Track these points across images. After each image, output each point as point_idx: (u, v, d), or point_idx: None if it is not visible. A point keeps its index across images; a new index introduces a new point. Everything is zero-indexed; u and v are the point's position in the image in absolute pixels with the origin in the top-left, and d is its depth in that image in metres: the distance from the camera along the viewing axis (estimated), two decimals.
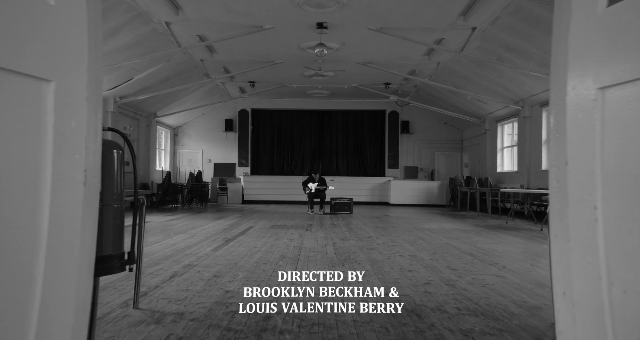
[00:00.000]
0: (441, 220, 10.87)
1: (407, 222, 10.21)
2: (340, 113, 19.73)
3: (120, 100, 12.96)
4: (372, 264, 4.92)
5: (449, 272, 4.45)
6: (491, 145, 15.75)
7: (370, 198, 18.28)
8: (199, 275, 4.14)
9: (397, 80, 15.47)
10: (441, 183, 17.64)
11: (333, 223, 9.92)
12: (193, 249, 5.74)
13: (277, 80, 15.82)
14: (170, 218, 10.60)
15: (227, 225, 9.13)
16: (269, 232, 7.93)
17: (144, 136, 15.76)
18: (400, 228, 8.92)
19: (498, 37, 9.66)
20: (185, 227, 8.47)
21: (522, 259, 5.37)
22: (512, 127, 14.68)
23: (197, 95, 16.39)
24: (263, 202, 18.14)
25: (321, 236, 7.42)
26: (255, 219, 10.79)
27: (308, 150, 19.82)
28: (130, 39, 9.75)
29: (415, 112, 19.16)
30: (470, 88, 13.42)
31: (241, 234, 7.57)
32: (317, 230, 8.40)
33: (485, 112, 15.39)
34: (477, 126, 16.84)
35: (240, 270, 4.42)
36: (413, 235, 7.75)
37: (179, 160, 19.45)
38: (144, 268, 4.27)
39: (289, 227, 8.75)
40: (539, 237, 7.72)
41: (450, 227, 9.18)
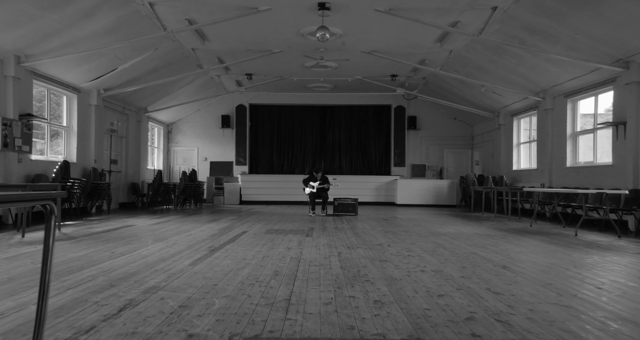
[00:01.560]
0: (456, 223, 9.81)
1: (419, 226, 9.16)
2: (344, 108, 18.67)
3: (105, 92, 11.92)
4: (389, 283, 3.88)
5: (493, 299, 3.40)
6: (506, 141, 14.67)
7: (376, 198, 17.24)
8: (160, 305, 3.09)
9: (404, 72, 14.41)
10: (451, 182, 16.58)
11: (337, 226, 8.88)
12: (167, 263, 4.70)
13: (276, 73, 14.78)
14: (157, 221, 9.57)
15: (218, 229, 8.10)
16: (263, 238, 6.88)
17: (133, 132, 14.74)
18: (413, 233, 7.87)
19: (521, 18, 8.58)
20: (170, 233, 7.44)
21: (577, 276, 4.31)
22: (529, 121, 13.59)
23: (190, 89, 15.35)
24: (262, 202, 17.12)
25: (324, 243, 6.38)
26: (251, 221, 9.75)
27: (309, 147, 18.76)
28: (109, 21, 8.71)
29: (422, 107, 18.09)
30: (484, 79, 12.34)
31: (231, 241, 6.53)
32: (319, 235, 7.36)
33: (500, 105, 14.29)
34: (489, 121, 15.76)
35: (219, 296, 3.38)
36: (430, 241, 6.70)
37: (173, 159, 18.43)
38: (88, 294, 3.24)
39: (287, 232, 7.71)
40: (578, 244, 6.65)
41: (470, 232, 8.12)
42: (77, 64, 10.07)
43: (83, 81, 11.03)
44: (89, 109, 11.78)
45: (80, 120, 11.44)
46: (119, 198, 13.96)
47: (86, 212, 11.43)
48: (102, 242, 6.16)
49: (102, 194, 11.39)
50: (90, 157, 11.83)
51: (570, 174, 10.95)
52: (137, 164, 14.91)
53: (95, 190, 11.19)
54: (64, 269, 4.29)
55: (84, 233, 7.25)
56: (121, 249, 5.62)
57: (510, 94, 12.86)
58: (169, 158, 18.33)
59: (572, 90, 10.82)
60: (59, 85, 10.46)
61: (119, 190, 13.97)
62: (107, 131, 13.15)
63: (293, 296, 3.42)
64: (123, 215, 10.97)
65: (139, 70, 11.71)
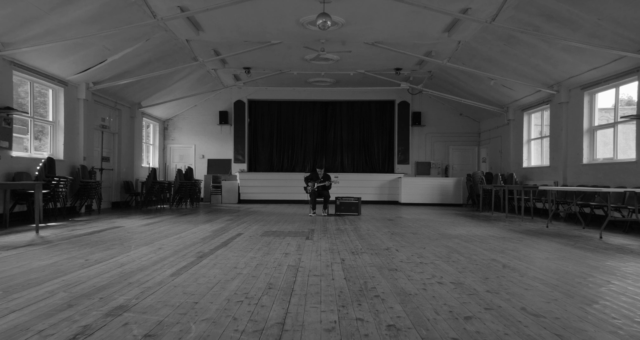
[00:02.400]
0: (466, 224, 9.19)
1: (427, 226, 8.54)
2: (346, 104, 18.03)
3: (95, 86, 11.30)
4: (403, 300, 3.26)
5: (534, 324, 2.78)
6: (516, 137, 14.02)
7: (379, 197, 16.63)
8: (120, 335, 2.48)
9: (409, 65, 13.78)
10: (457, 180, 15.94)
11: (339, 228, 8.27)
12: (145, 273, 4.09)
13: (275, 66, 14.16)
14: (148, 222, 8.97)
15: (211, 231, 7.49)
16: (259, 241, 6.27)
17: (127, 129, 14.13)
18: (422, 235, 7.25)
19: (539, 3, 7.93)
20: (158, 235, 6.83)
21: (622, 289, 3.69)
22: (541, 116, 12.95)
23: (186, 84, 14.74)
24: (261, 201, 16.51)
25: (325, 248, 5.77)
26: (248, 222, 9.15)
27: (310, 144, 18.12)
28: (94, 7, 8.09)
29: (427, 103, 17.45)
30: (494, 71, 11.70)
31: (223, 245, 5.92)
32: (320, 237, 6.75)
33: (510, 99, 13.64)
34: (498, 116, 15.11)
35: (197, 319, 2.77)
36: (442, 245, 6.08)
37: (169, 156, 17.82)
38: (34, 319, 2.64)
39: (285, 234, 7.10)
40: (607, 248, 6.03)
41: (483, 233, 7.50)
42: (61, 55, 9.45)
43: (70, 73, 10.41)
44: (77, 104, 11.16)
45: (68, 115, 10.83)
46: (111, 197, 13.36)
47: (75, 212, 10.83)
48: (79, 247, 5.55)
49: (92, 193, 10.79)
50: (78, 154, 11.22)
51: (588, 172, 10.31)
52: (130, 162, 14.31)
53: (84, 189, 10.58)
54: (20, 282, 3.68)
55: (63, 236, 6.65)
56: (98, 255, 5.01)
57: (521, 88, 12.22)
58: (165, 156, 17.72)
59: (590, 82, 10.17)
60: (43, 77, 9.84)
61: (112, 189, 13.37)
62: (98, 127, 12.54)
63: (288, 318, 2.81)
64: (113, 216, 10.38)
65: (131, 62, 11.10)
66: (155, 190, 13.15)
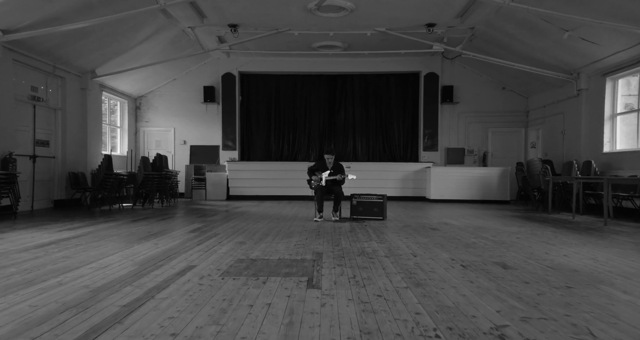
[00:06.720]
0: (551, 238, 5.90)
1: (507, 245, 5.24)
2: (359, 77, 14.63)
3: (5, 35, 8.00)
4: None
5: None
6: (592, 112, 10.57)
7: (401, 191, 13.35)
8: None
9: (446, 18, 10.41)
10: (502, 170, 12.60)
11: (362, 248, 4.99)
12: None
13: (270, 23, 10.81)
14: (60, 237, 5.75)
15: (142, 260, 4.25)
16: (212, 296, 2.99)
17: (75, 104, 10.85)
18: (523, 269, 3.92)
19: None
20: (35, 274, 3.59)
21: None
22: (628, 83, 9.52)
23: (155, 46, 11.43)
24: (255, 197, 13.28)
25: (347, 317, 2.50)
26: (220, 235, 5.91)
27: (316, 127, 14.79)
28: None
29: (461, 74, 14.04)
30: (570, 23, 8.21)
31: (127, 311, 2.64)
32: (335, 279, 3.45)
33: (586, 60, 10.08)
34: (559, 88, 11.69)
35: None
36: (587, 304, 2.78)
37: (143, 142, 14.59)
38: None
39: (269, 272, 3.82)
40: None
41: (621, 265, 4.19)
42: None
43: None
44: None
45: None
46: (53, 194, 10.15)
47: None
48: None
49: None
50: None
51: None
52: (82, 148, 11.07)
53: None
54: None
55: None
56: None
57: (612, 40, 8.76)
58: (137, 141, 14.48)
59: None
60: None
61: (53, 182, 10.16)
62: (28, 98, 9.29)
63: None
64: (25, 222, 7.17)
65: (58, 2, 7.78)
66: (109, 185, 9.91)
